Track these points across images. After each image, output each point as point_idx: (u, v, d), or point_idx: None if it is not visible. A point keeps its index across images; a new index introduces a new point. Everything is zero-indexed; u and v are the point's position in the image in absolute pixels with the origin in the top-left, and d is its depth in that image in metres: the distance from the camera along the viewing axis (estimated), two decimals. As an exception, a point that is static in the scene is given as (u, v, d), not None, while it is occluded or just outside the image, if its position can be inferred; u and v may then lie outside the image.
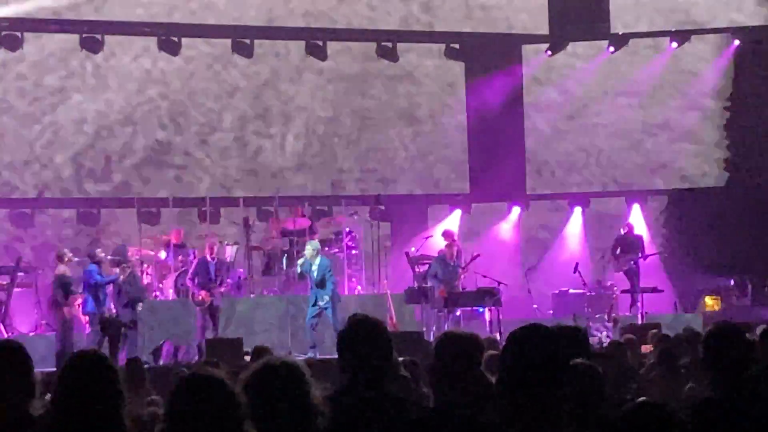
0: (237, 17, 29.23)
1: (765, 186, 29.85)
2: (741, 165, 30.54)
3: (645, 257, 26.50)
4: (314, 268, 22.97)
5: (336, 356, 6.25)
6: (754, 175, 30.34)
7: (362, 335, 6.01)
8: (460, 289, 24.55)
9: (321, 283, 22.83)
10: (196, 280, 23.25)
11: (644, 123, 30.83)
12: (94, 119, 27.81)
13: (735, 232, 28.69)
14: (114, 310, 22.82)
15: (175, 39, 28.75)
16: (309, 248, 23.37)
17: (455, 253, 25.22)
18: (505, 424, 4.65)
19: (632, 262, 26.33)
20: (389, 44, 30.30)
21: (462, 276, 24.82)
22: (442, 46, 30.89)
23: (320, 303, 22.78)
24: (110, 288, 22.70)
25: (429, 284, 24.76)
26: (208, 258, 23.53)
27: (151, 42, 28.63)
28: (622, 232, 27.05)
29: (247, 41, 29.28)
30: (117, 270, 22.70)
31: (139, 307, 22.09)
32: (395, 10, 30.32)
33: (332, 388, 5.58)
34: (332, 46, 30.01)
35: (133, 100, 28.28)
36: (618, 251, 26.55)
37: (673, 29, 30.67)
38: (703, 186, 30.52)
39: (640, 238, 27.05)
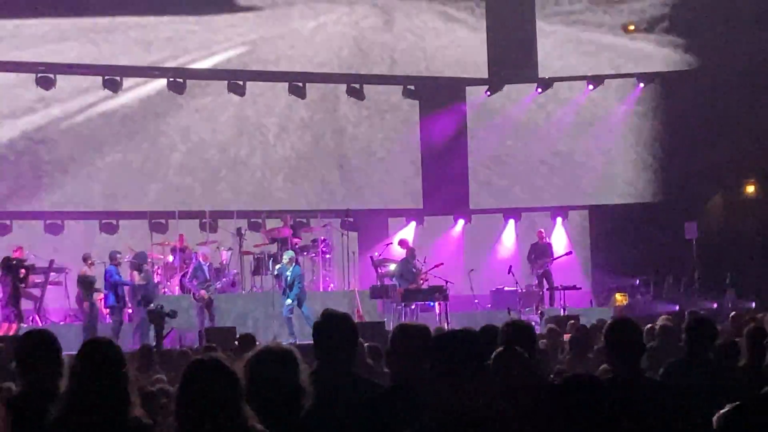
0: (240, 64, 29.32)
1: (664, 203, 29.98)
2: (646, 186, 30.66)
3: (553, 260, 26.54)
4: (288, 273, 23.21)
5: (310, 342, 6.30)
6: (656, 194, 30.47)
7: (333, 326, 6.07)
8: (416, 287, 24.58)
9: (290, 286, 23.04)
10: (194, 281, 23.32)
11: (566, 151, 30.90)
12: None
13: (640, 241, 28.79)
14: (131, 307, 22.88)
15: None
16: (286, 257, 23.67)
17: (413, 257, 25.29)
18: (442, 399, 4.68)
19: (545, 266, 26.38)
20: (357, 86, 30.32)
21: (422, 278, 24.83)
22: (400, 87, 30.93)
23: (293, 300, 23.03)
24: (127, 287, 22.73)
25: (393, 282, 24.81)
26: (203, 262, 23.60)
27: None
28: (535, 240, 27.05)
29: (241, 83, 29.27)
30: (136, 273, 22.72)
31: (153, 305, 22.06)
32: (363, 57, 30.37)
33: (308, 369, 5.59)
34: (310, 87, 30.04)
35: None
36: (533, 257, 26.59)
37: (589, 74, 30.76)
38: (615, 203, 30.60)
39: (549, 244, 27.10)
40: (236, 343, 17.35)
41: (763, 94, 28.72)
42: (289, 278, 23.27)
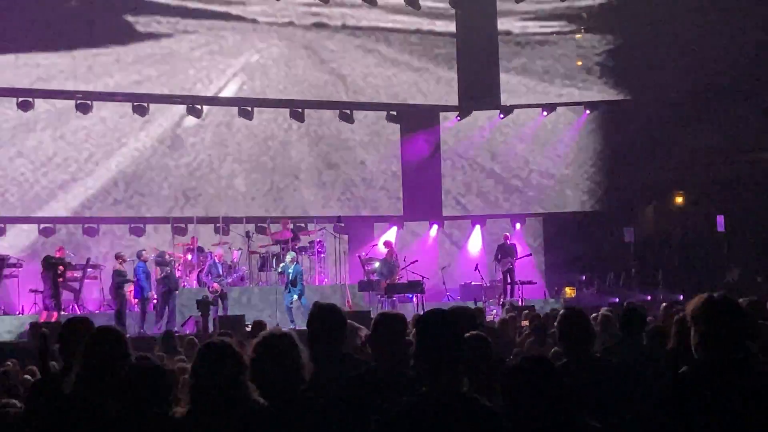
0: (247, 92, 29.34)
1: (606, 212, 30.06)
2: (591, 197, 30.73)
3: (517, 259, 26.55)
4: (290, 271, 23.43)
5: (304, 329, 6.33)
6: (599, 204, 30.54)
7: (324, 315, 6.09)
8: (397, 282, 24.61)
9: (293, 282, 23.33)
10: (209, 276, 23.35)
11: (524, 167, 30.98)
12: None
13: (586, 243, 28.84)
14: (155, 298, 22.89)
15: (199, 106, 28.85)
16: (288, 257, 23.81)
17: (394, 256, 25.33)
18: (419, 375, 4.70)
19: (509, 264, 26.40)
20: (348, 111, 30.34)
21: (399, 274, 24.87)
22: (384, 112, 30.94)
23: (293, 294, 23.23)
24: (153, 280, 22.74)
25: (375, 278, 24.83)
26: (217, 261, 23.63)
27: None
28: (501, 242, 27.05)
29: (249, 108, 29.27)
30: (159, 268, 22.73)
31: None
32: (353, 87, 30.40)
33: (306, 351, 5.61)
34: (308, 112, 30.05)
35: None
36: (499, 256, 26.59)
37: (543, 102, 30.85)
38: (565, 211, 30.68)
39: (513, 245, 27.04)
40: (248, 328, 17.40)
41: (686, 121, 28.85)
42: (291, 275, 23.43)
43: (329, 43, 30.33)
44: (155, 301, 23.04)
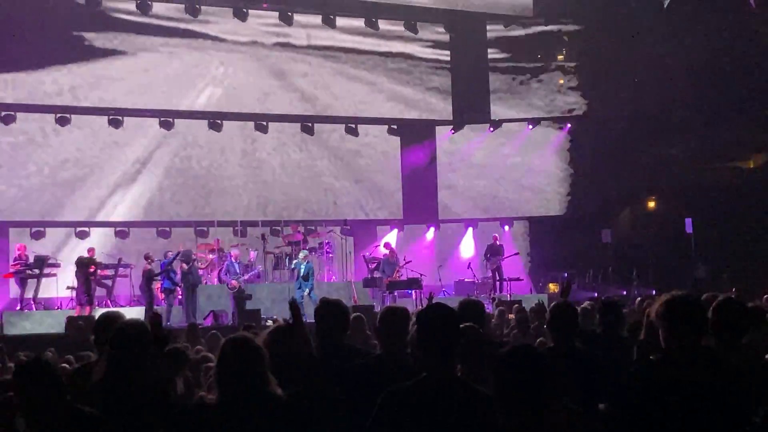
0: (264, 108, 29.27)
1: (585, 215, 30.06)
2: (572, 202, 30.77)
3: (504, 258, 26.54)
4: (302, 267, 23.43)
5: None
6: (580, 208, 30.57)
7: (328, 310, 6.10)
8: (397, 279, 24.61)
9: (305, 277, 23.34)
10: (227, 275, 23.37)
11: (513, 175, 31.00)
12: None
13: (568, 244, 28.85)
14: (180, 293, 22.94)
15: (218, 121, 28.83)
16: (301, 255, 23.84)
17: (394, 256, 25.34)
18: (420, 362, 4.72)
19: (498, 262, 26.40)
20: (353, 125, 30.35)
21: (398, 272, 24.86)
22: (386, 126, 30.97)
23: (304, 290, 23.17)
24: (178, 277, 22.78)
25: (378, 276, 24.84)
26: (234, 260, 23.63)
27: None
28: (491, 242, 27.03)
29: (264, 123, 29.27)
30: (184, 265, 22.77)
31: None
32: (358, 103, 30.41)
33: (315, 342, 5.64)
34: (317, 126, 30.06)
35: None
36: (488, 255, 26.57)
37: (529, 117, 30.90)
38: (549, 215, 30.71)
39: (502, 246, 27.06)
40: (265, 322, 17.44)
41: (657, 132, 28.96)
42: (302, 271, 23.44)
43: (344, 67, 30.32)
44: (180, 296, 23.10)
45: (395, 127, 31.13)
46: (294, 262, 24.18)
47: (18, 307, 22.37)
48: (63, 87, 26.81)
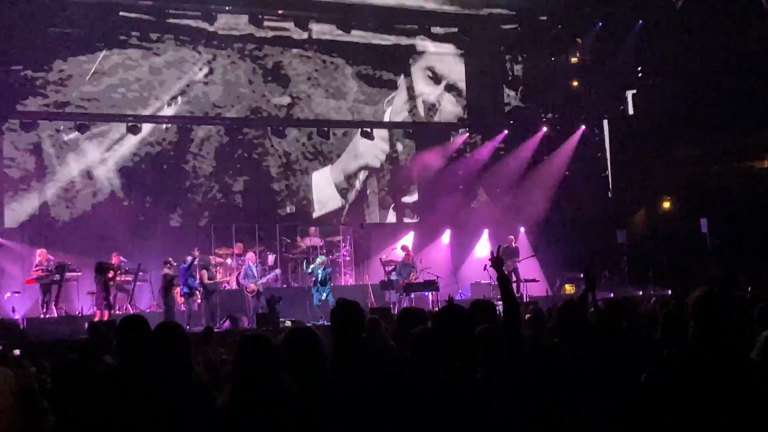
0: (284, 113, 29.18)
1: (601, 216, 30.07)
2: (588, 203, 30.72)
3: (520, 260, 26.56)
4: (319, 272, 23.51)
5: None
6: (596, 209, 30.52)
7: (345, 312, 6.12)
8: (414, 281, 24.63)
9: (323, 282, 23.37)
10: (246, 279, 23.44)
11: (527, 177, 31.02)
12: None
13: (583, 244, 28.77)
14: (199, 297, 23.03)
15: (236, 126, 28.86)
16: (318, 260, 23.94)
17: (410, 259, 25.35)
18: (438, 362, 4.73)
19: (515, 264, 26.40)
20: (369, 129, 30.37)
21: (415, 274, 24.88)
22: (401, 130, 31.01)
23: (322, 294, 23.30)
24: (197, 281, 22.86)
25: (394, 278, 24.87)
26: (251, 264, 23.70)
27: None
28: (506, 244, 27.01)
29: (280, 127, 29.33)
30: (204, 271, 22.87)
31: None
32: (374, 109, 30.45)
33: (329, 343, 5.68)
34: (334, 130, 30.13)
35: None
36: (504, 257, 26.49)
37: (544, 119, 30.93)
38: (566, 215, 30.74)
39: (517, 248, 27.08)
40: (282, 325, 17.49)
41: (673, 133, 28.91)
42: (320, 276, 23.48)
43: (359, 69, 30.38)
44: (199, 300, 23.18)
45: (411, 130, 31.15)
46: (311, 266, 24.21)
47: (40, 313, 22.51)
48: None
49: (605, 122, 30.39)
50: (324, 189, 30.10)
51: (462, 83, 31.38)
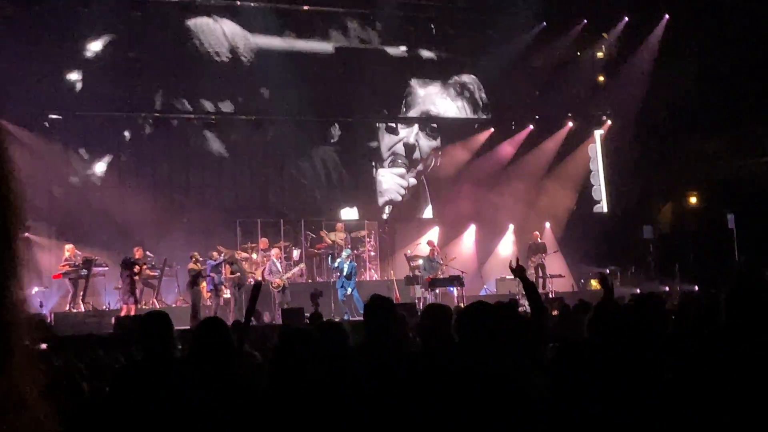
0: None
1: (627, 212, 29.99)
2: (614, 198, 30.65)
3: (545, 255, 26.53)
4: (345, 266, 23.49)
5: (359, 319, 6.35)
6: (624, 204, 30.44)
7: (379, 305, 6.09)
8: (438, 276, 24.58)
9: (348, 276, 23.33)
10: (271, 275, 23.47)
11: (552, 172, 30.93)
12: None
13: (610, 240, 28.71)
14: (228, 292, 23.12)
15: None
16: (344, 254, 23.94)
17: (435, 254, 25.32)
18: (463, 359, 4.71)
19: (541, 260, 26.34)
20: (393, 124, 30.33)
21: (440, 271, 24.85)
22: (426, 124, 31.02)
23: (346, 289, 23.23)
24: (223, 276, 22.95)
25: (420, 273, 24.85)
26: (275, 259, 23.75)
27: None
28: (532, 240, 26.94)
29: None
30: (229, 266, 22.95)
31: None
32: (399, 101, 30.44)
33: (359, 338, 5.66)
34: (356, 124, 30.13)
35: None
36: (530, 252, 26.52)
37: (569, 115, 30.83)
38: (592, 211, 30.67)
39: (543, 243, 27.02)
40: (307, 320, 17.48)
41: (698, 128, 28.77)
42: (345, 270, 23.52)
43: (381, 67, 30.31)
44: (227, 295, 23.26)
45: (435, 125, 31.09)
46: (337, 260, 24.23)
47: (67, 308, 22.63)
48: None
49: (631, 117, 30.15)
50: (389, 183, 30.25)
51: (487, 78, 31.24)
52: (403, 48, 30.39)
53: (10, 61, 24.00)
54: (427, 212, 30.74)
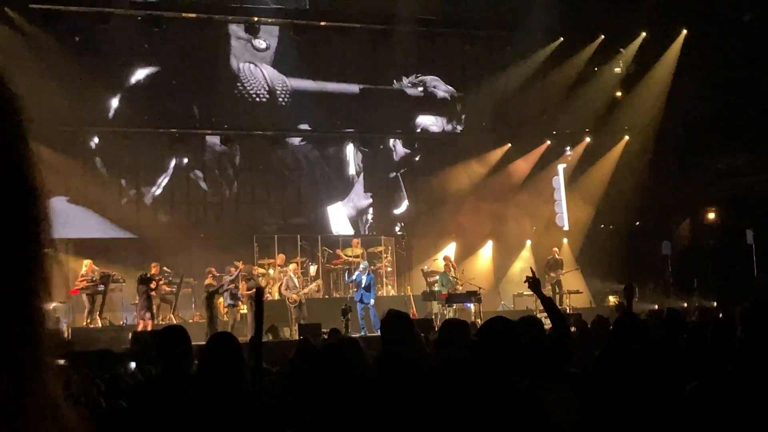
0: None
1: (645, 227, 29.89)
2: (632, 214, 30.51)
3: (564, 273, 26.46)
4: (363, 277, 23.43)
5: (376, 335, 6.34)
6: (640, 220, 30.33)
7: (395, 321, 6.07)
8: (455, 292, 24.54)
9: (367, 288, 23.22)
10: (288, 290, 23.49)
11: (570, 188, 30.88)
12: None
13: (628, 256, 28.56)
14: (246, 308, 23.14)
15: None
16: (361, 266, 23.84)
17: (452, 269, 25.29)
18: (482, 373, 4.69)
19: (558, 276, 26.27)
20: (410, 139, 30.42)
21: (456, 285, 24.81)
22: (443, 140, 31.04)
23: (366, 301, 23.21)
24: (240, 292, 22.97)
25: (437, 289, 24.82)
26: (292, 275, 23.75)
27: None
28: (550, 256, 26.88)
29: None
30: (244, 282, 22.99)
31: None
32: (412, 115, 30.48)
33: (375, 353, 5.65)
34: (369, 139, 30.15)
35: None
36: (548, 269, 26.44)
37: (587, 130, 30.80)
38: (609, 227, 30.60)
39: (561, 260, 26.93)
40: (325, 336, 17.48)
41: (716, 144, 28.65)
42: (364, 281, 23.48)
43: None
44: (243, 311, 23.29)
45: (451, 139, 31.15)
46: (355, 273, 24.18)
47: (84, 323, 22.69)
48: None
49: (648, 133, 30.06)
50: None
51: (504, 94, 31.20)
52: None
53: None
54: (445, 227, 30.67)
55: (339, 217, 29.83)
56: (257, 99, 28.77)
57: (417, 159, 30.87)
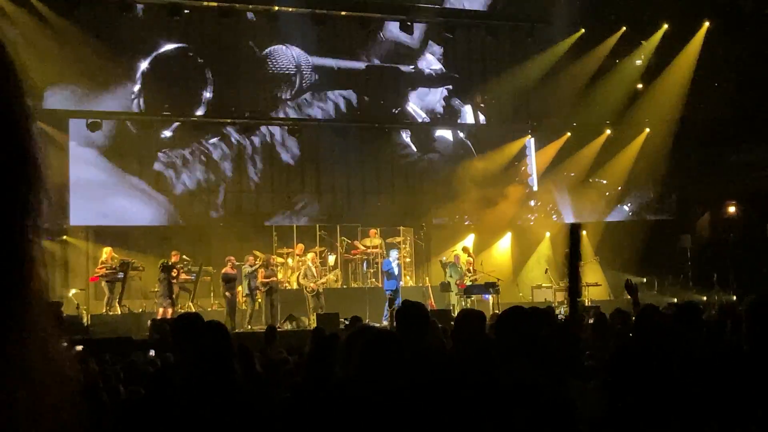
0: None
1: (665, 221, 29.78)
2: (652, 207, 30.44)
3: (583, 264, 26.35)
4: (394, 266, 23.48)
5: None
6: (659, 213, 30.22)
7: (409, 311, 6.09)
8: (468, 283, 24.53)
9: (399, 277, 23.21)
10: (306, 279, 23.54)
11: (589, 179, 30.74)
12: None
13: (647, 249, 28.47)
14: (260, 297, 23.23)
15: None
16: (393, 254, 23.83)
17: (461, 261, 25.29)
18: (499, 363, 4.69)
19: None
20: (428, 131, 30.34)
21: (474, 276, 24.80)
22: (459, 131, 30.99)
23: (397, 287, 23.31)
24: (258, 281, 23.05)
25: (447, 280, 24.81)
26: (311, 264, 23.78)
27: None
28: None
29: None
30: (263, 270, 23.07)
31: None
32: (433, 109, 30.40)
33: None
34: (393, 130, 30.11)
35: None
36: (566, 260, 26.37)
37: (608, 122, 30.67)
38: (629, 219, 30.48)
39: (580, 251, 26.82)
40: (346, 323, 17.56)
41: (735, 138, 28.50)
42: (396, 271, 23.62)
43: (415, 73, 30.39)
44: (260, 300, 23.37)
45: (464, 133, 31.07)
46: (391, 262, 23.98)
47: (103, 310, 22.80)
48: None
49: (669, 125, 29.92)
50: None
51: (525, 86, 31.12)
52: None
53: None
54: (464, 218, 30.61)
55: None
56: (277, 86, 28.76)
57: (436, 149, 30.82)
